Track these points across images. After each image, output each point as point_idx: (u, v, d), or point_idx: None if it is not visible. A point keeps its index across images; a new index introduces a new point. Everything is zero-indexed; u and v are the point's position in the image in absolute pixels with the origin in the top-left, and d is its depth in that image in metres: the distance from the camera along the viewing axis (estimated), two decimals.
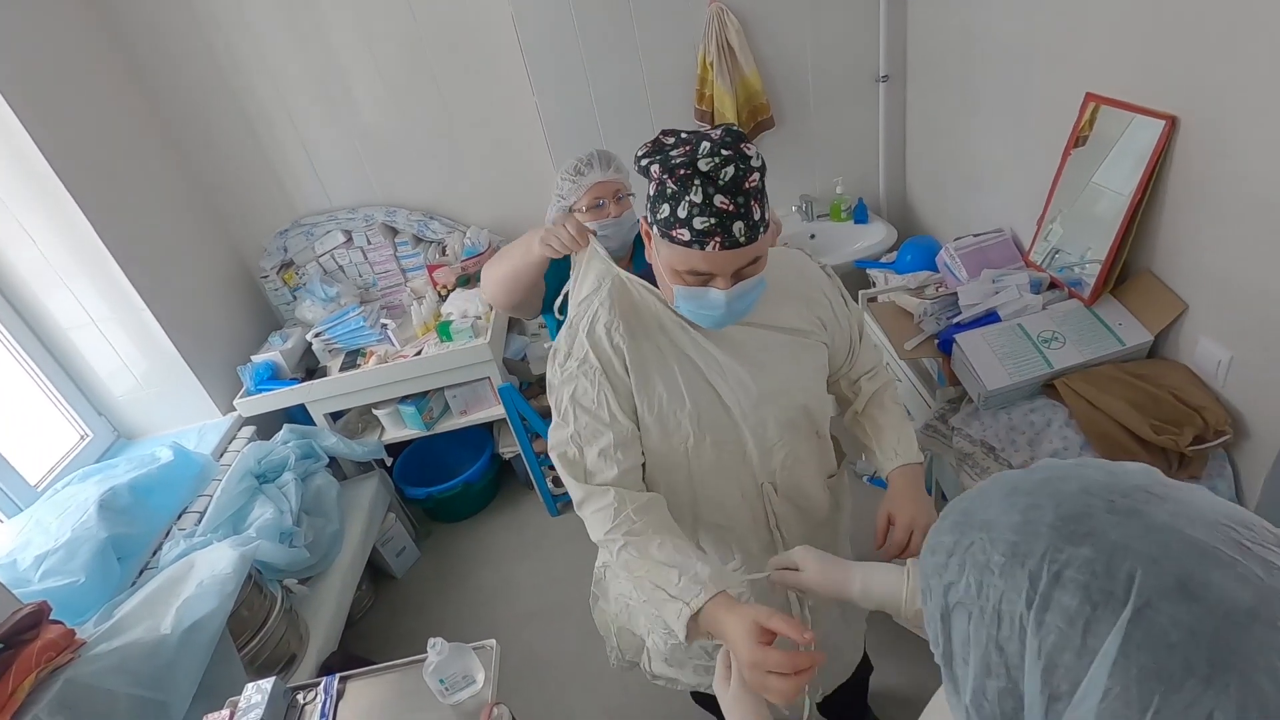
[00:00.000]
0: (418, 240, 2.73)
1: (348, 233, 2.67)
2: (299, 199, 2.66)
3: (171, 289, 2.31)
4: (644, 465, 1.09)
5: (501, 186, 2.69)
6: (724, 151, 0.87)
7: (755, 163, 0.88)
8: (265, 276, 2.68)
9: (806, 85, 2.49)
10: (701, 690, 1.40)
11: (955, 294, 1.82)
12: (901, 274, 2.11)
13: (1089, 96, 1.56)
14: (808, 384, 1.12)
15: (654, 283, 1.05)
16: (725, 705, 0.85)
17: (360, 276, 2.75)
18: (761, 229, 0.90)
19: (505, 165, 2.65)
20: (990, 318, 1.70)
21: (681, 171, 0.87)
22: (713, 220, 0.87)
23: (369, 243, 2.68)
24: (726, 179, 0.86)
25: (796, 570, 0.96)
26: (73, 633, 1.45)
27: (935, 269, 2.05)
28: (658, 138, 0.94)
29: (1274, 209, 1.18)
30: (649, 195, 0.94)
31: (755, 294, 0.97)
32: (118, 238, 2.11)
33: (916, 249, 2.19)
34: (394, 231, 2.73)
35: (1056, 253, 1.71)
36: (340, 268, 2.73)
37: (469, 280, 2.59)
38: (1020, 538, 0.39)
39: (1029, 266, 1.80)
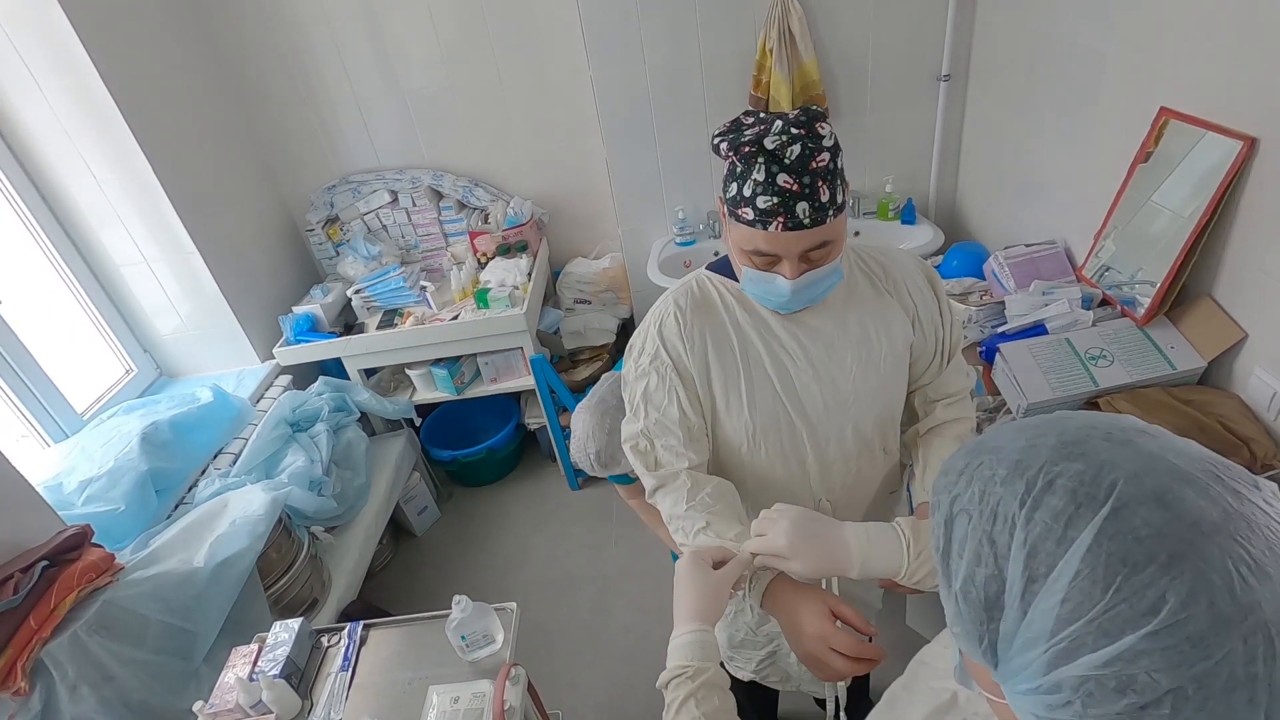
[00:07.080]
0: (461, 206, 2.75)
1: (394, 193, 2.69)
2: (348, 156, 2.69)
3: (220, 235, 2.35)
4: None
5: (549, 159, 2.70)
6: (793, 130, 0.84)
7: (827, 142, 0.85)
8: (311, 230, 2.72)
9: (865, 79, 2.44)
10: (755, 680, 1.36)
11: (1001, 303, 1.79)
12: (946, 279, 2.08)
13: (1163, 111, 1.51)
14: (884, 398, 1.05)
15: (731, 273, 1.03)
16: (703, 580, 0.87)
17: (403, 237, 2.78)
18: (831, 212, 0.87)
19: (554, 138, 2.65)
20: (1036, 330, 1.67)
21: (747, 148, 0.86)
22: (775, 200, 0.85)
23: (414, 204, 2.70)
24: (792, 158, 0.84)
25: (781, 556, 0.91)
26: (112, 557, 1.51)
27: (981, 276, 2.02)
28: (738, 117, 0.92)
29: None
30: (723, 175, 0.93)
31: (826, 284, 0.95)
32: (173, 180, 2.16)
33: (963, 254, 2.15)
34: (439, 195, 2.75)
35: (1106, 270, 1.67)
36: (384, 227, 2.76)
37: (509, 249, 2.60)
38: (1024, 456, 0.44)
39: (1081, 281, 1.76)
